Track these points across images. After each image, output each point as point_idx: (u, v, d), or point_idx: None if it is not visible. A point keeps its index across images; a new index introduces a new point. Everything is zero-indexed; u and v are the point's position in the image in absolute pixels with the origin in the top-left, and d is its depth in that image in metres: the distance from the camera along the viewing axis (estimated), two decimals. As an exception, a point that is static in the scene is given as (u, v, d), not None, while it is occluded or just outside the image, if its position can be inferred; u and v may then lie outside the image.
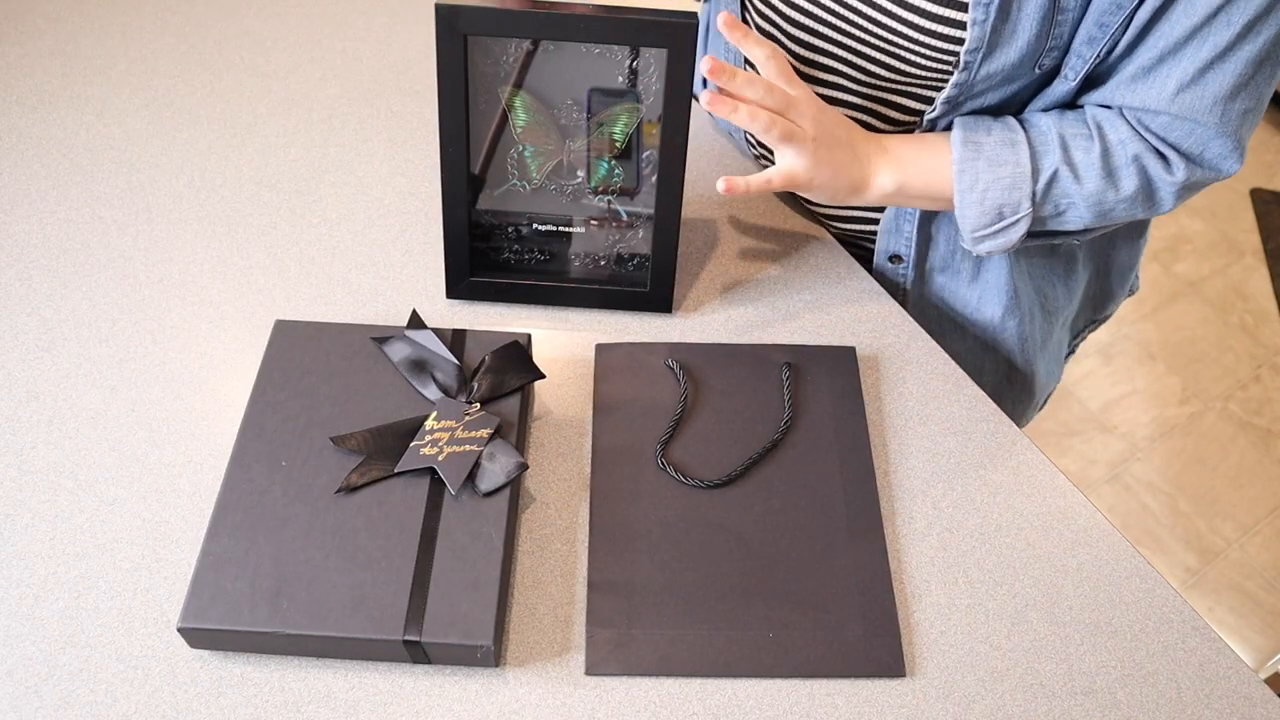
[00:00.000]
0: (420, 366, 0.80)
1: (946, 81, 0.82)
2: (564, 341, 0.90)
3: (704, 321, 0.92)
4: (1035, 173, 0.81)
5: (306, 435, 0.77)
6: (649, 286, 0.91)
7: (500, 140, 0.87)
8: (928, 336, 0.92)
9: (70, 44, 1.15)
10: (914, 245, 0.96)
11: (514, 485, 0.76)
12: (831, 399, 0.85)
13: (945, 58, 0.80)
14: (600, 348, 0.88)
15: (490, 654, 0.69)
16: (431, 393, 0.79)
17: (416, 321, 0.82)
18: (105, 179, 1.02)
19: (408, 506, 0.73)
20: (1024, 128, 0.83)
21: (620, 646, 0.72)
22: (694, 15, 0.78)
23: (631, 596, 0.74)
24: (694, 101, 1.01)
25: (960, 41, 0.78)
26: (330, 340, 0.82)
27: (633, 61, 0.82)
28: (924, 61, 0.82)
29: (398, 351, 0.81)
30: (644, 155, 0.87)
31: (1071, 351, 1.17)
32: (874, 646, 0.72)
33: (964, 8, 0.76)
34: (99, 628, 0.72)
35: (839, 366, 0.87)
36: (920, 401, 0.87)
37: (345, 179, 1.03)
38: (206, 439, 0.82)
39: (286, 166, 1.04)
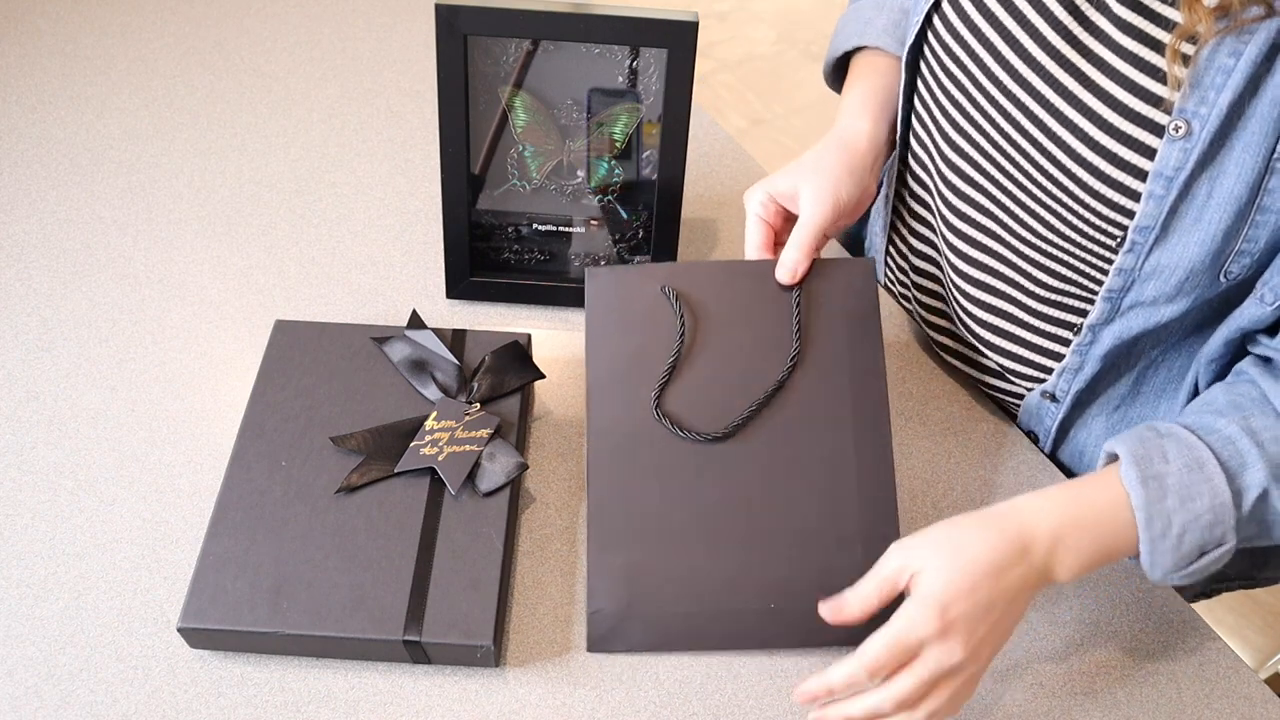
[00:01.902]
0: (420, 366, 0.80)
1: (1110, 266, 0.71)
2: (564, 341, 0.90)
3: (704, 321, 0.92)
4: (1238, 498, 0.64)
5: (306, 435, 0.77)
6: (649, 286, 0.91)
7: (500, 140, 0.87)
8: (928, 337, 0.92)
9: (70, 44, 1.15)
10: (1051, 438, 0.85)
11: (514, 485, 0.76)
12: (846, 324, 0.77)
13: (1112, 230, 0.69)
14: (590, 273, 0.78)
15: (490, 654, 0.69)
16: (431, 393, 0.79)
17: (416, 321, 0.82)
18: (105, 179, 1.02)
19: (408, 506, 0.73)
20: (1202, 439, 0.66)
21: (622, 621, 0.71)
22: (694, 15, 0.78)
23: (631, 572, 0.72)
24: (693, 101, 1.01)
25: (1131, 214, 0.67)
26: (330, 340, 0.82)
27: (633, 61, 0.82)
28: (1089, 229, 0.71)
29: (398, 351, 0.81)
30: (644, 155, 0.87)
31: (1205, 595, 0.99)
32: (875, 620, 0.71)
33: (1143, 176, 0.65)
34: (99, 628, 0.72)
35: (854, 285, 0.78)
36: (920, 401, 0.87)
37: (345, 179, 1.03)
38: (206, 439, 0.82)
39: (286, 166, 1.04)
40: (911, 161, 0.86)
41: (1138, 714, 0.71)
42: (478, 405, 0.78)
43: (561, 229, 0.91)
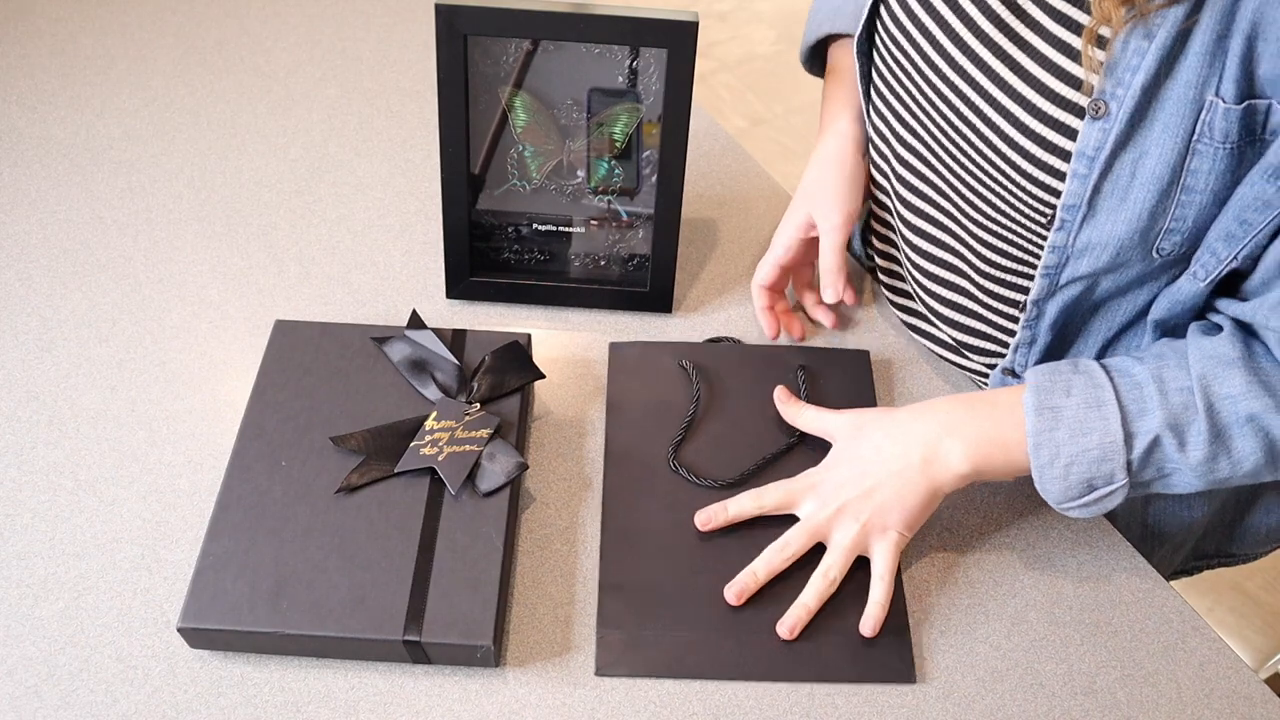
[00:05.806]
0: (420, 366, 0.80)
1: (1045, 243, 0.73)
2: (564, 341, 0.90)
3: (704, 321, 0.92)
4: (1129, 439, 0.68)
5: (306, 435, 0.77)
6: (649, 286, 0.91)
7: (500, 140, 0.87)
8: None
9: (70, 44, 1.15)
10: None
11: (514, 485, 0.76)
12: (846, 403, 0.84)
13: (1043, 208, 0.71)
14: (614, 346, 0.88)
15: (490, 654, 0.69)
16: (431, 393, 0.79)
17: (416, 321, 0.82)
18: (105, 179, 1.02)
19: (408, 506, 0.73)
20: (1112, 380, 0.70)
21: (631, 648, 0.72)
22: (694, 15, 0.78)
23: (643, 598, 0.73)
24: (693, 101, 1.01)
25: (1058, 194, 0.69)
26: (330, 340, 0.82)
27: (633, 61, 0.82)
28: (1023, 208, 0.73)
29: (398, 351, 0.81)
30: (644, 155, 0.87)
31: (1186, 572, 1.01)
32: (885, 651, 0.72)
33: (1068, 157, 0.68)
34: (99, 628, 0.72)
35: (853, 371, 0.87)
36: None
37: (345, 179, 1.03)
38: (206, 439, 0.82)
39: (286, 166, 1.04)
40: (871, 140, 0.88)
41: (1138, 714, 0.71)
42: (478, 405, 0.78)
43: (561, 229, 0.91)
